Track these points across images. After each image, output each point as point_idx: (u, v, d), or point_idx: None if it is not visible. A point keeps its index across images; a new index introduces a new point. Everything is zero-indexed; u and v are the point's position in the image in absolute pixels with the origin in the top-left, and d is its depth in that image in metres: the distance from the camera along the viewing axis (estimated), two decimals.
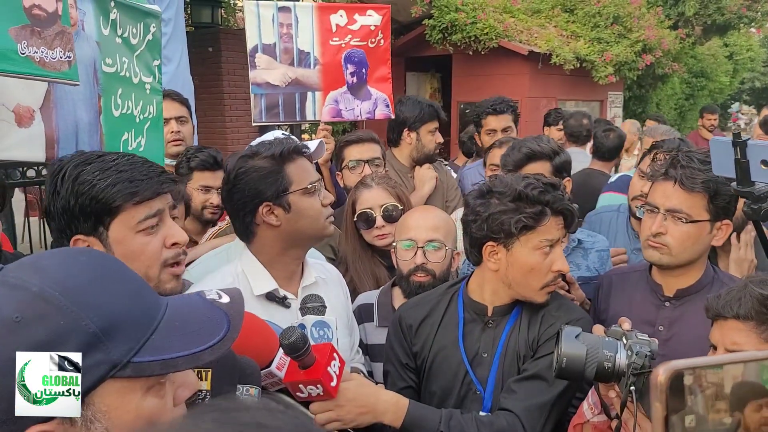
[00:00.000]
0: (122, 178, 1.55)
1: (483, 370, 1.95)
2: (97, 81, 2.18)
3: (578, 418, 1.77)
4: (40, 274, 0.90)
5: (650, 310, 2.15)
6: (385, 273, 2.70)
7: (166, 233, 1.61)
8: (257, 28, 3.85)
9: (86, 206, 1.53)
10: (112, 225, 1.55)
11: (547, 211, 1.86)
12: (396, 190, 2.77)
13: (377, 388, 1.85)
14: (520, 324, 1.96)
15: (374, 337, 2.38)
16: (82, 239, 1.57)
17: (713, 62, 16.06)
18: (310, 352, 1.56)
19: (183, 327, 0.96)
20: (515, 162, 2.68)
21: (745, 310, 1.57)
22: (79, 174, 1.55)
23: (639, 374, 1.50)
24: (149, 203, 1.58)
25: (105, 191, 1.53)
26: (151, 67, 2.43)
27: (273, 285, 1.98)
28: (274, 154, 1.93)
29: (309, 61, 3.96)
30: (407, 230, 2.37)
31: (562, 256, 1.91)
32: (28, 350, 0.83)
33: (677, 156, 2.07)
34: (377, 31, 4.12)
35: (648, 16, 11.60)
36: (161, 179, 1.61)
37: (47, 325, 0.86)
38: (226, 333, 0.99)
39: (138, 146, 2.34)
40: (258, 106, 3.86)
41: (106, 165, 1.56)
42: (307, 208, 1.95)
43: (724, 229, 2.09)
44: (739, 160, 1.77)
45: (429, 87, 12.35)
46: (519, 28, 10.56)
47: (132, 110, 2.31)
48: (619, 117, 12.30)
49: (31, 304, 0.86)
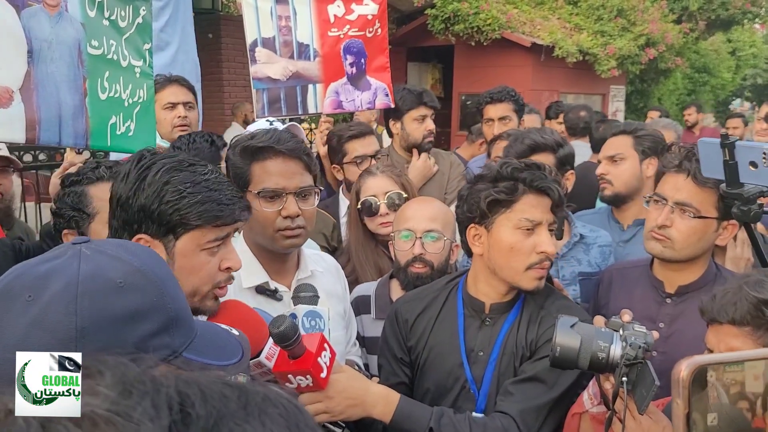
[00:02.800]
0: (211, 198, 1.53)
1: (478, 368, 1.91)
2: (81, 63, 2.13)
3: (577, 408, 1.75)
4: (133, 254, 1.01)
5: (651, 307, 2.12)
6: (388, 263, 2.66)
7: (223, 256, 1.60)
8: (256, 21, 3.82)
9: (166, 214, 1.52)
10: (182, 237, 1.54)
11: (518, 187, 1.81)
12: (401, 178, 2.75)
13: (368, 381, 1.81)
14: (519, 324, 1.91)
15: (371, 330, 2.34)
16: (146, 239, 1.55)
17: (716, 58, 16.02)
18: (301, 342, 1.53)
19: (213, 341, 1.09)
20: (518, 153, 2.64)
21: (740, 315, 1.52)
22: (170, 180, 1.52)
23: (631, 365, 1.47)
24: (224, 228, 1.58)
25: (192, 208, 1.52)
26: (141, 51, 2.39)
27: (263, 278, 1.95)
28: (246, 148, 1.91)
29: (309, 54, 3.93)
30: (405, 220, 2.34)
31: (549, 239, 1.83)
32: (123, 315, 0.94)
33: (693, 149, 2.03)
34: (374, 20, 4.07)
35: (652, 10, 11.54)
36: (241, 206, 1.61)
37: (143, 297, 0.97)
38: (242, 355, 1.13)
39: (127, 131, 2.30)
40: (260, 101, 3.83)
41: (198, 179, 1.54)
42: (256, 213, 1.88)
43: (730, 229, 2.06)
44: (727, 161, 1.76)
45: (430, 78, 12.29)
46: (522, 19, 10.50)
47: (120, 94, 2.27)
48: (621, 111, 12.27)
49: (133, 275, 0.97)
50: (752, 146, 1.78)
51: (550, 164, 2.61)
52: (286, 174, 1.91)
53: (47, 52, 2.02)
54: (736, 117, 8.69)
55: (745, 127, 8.24)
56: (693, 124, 9.01)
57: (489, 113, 4.18)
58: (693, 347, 1.75)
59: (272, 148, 1.90)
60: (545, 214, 1.83)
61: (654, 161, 2.94)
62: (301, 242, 1.99)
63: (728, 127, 8.17)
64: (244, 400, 0.52)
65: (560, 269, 2.62)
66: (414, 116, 3.69)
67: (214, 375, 0.54)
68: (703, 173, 1.88)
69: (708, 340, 1.63)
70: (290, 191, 1.91)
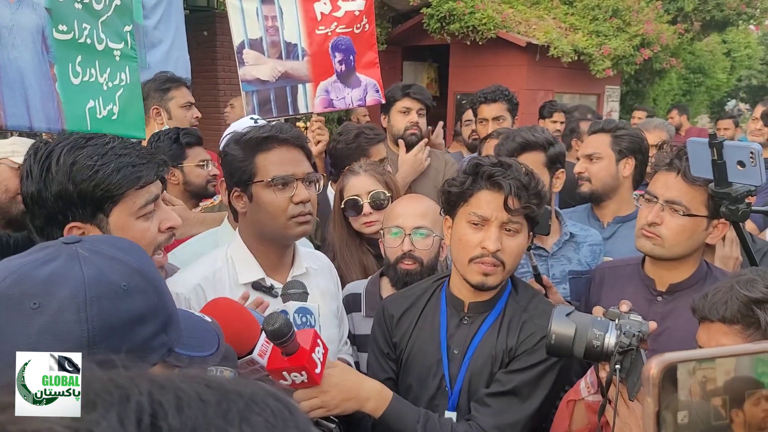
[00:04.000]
0: (124, 163, 1.50)
1: (454, 366, 1.92)
2: (47, 48, 2.11)
3: (573, 395, 1.76)
4: (126, 252, 1.00)
5: (642, 305, 2.11)
6: (373, 261, 2.66)
7: (161, 217, 1.59)
8: (242, 23, 3.77)
9: (87, 193, 1.48)
10: (113, 212, 1.51)
11: (474, 181, 1.82)
12: (384, 177, 2.73)
13: (361, 375, 1.83)
14: (499, 326, 1.90)
15: (362, 327, 2.34)
16: (78, 226, 1.52)
17: (711, 59, 16.04)
18: (294, 338, 1.52)
19: (193, 332, 1.08)
20: (509, 151, 2.63)
21: (731, 314, 1.53)
22: (76, 159, 1.49)
23: (624, 352, 1.48)
24: (149, 188, 1.55)
25: (110, 177, 1.48)
26: (122, 33, 2.36)
27: (260, 274, 1.96)
28: (249, 140, 1.90)
29: (297, 53, 3.91)
30: (395, 218, 2.33)
31: (494, 237, 1.80)
32: (130, 319, 0.93)
33: (684, 148, 2.04)
34: (361, 16, 4.04)
35: (647, 11, 11.54)
36: (158, 162, 1.58)
37: (146, 300, 0.96)
38: (219, 343, 1.12)
39: (110, 114, 2.27)
40: (250, 103, 3.79)
41: (102, 149, 1.51)
42: (267, 203, 1.89)
43: (720, 228, 2.06)
44: (716, 161, 1.78)
45: (426, 77, 12.28)
46: (517, 19, 10.49)
47: (96, 78, 2.24)
48: (616, 111, 12.27)
49: (134, 277, 0.96)
50: (740, 146, 1.80)
51: (540, 163, 2.61)
52: (292, 161, 1.93)
53: (7, 38, 2.01)
54: (728, 118, 8.69)
55: (736, 128, 8.25)
56: (677, 126, 8.99)
57: (483, 113, 4.18)
58: (683, 345, 1.74)
59: (276, 137, 1.92)
60: (496, 212, 1.81)
61: (631, 161, 2.95)
62: (310, 229, 2.03)
63: (719, 128, 8.18)
64: (225, 406, 0.48)
65: (550, 267, 2.62)
66: (399, 108, 3.71)
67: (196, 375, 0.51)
68: (692, 172, 1.89)
69: (699, 338, 1.64)
70: (299, 177, 1.92)
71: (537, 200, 1.84)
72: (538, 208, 1.85)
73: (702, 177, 1.88)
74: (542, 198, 1.86)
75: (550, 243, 2.64)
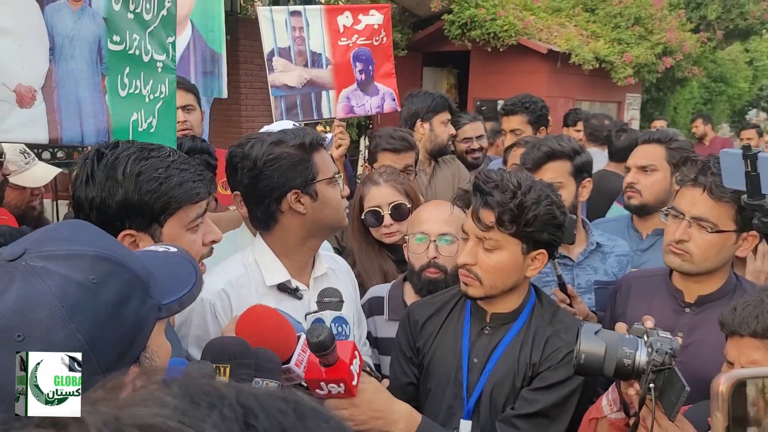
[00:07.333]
0: (186, 178, 1.57)
1: (473, 375, 1.91)
2: (101, 59, 2.10)
3: (596, 413, 1.73)
4: (74, 241, 0.97)
5: (669, 316, 2.09)
6: (393, 267, 2.67)
7: (205, 230, 1.66)
8: (272, 32, 4.11)
9: (149, 203, 1.53)
10: (167, 223, 1.57)
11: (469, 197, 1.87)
12: (404, 186, 2.73)
13: (392, 396, 1.79)
14: (522, 339, 1.89)
15: (384, 331, 2.34)
16: (133, 234, 1.56)
17: (733, 67, 15.91)
18: (335, 350, 1.51)
19: (169, 273, 1.06)
20: (534, 160, 2.61)
21: (762, 328, 1.51)
22: (142, 170, 1.54)
23: (659, 371, 1.46)
24: (201, 203, 1.62)
25: (173, 190, 1.55)
26: (165, 45, 2.31)
27: (285, 276, 1.97)
28: (303, 142, 1.93)
29: (321, 62, 4.25)
30: (420, 224, 2.33)
31: (468, 251, 1.85)
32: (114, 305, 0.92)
33: (709, 162, 2.01)
34: (380, 29, 4.44)
35: (670, 19, 11.49)
36: (210, 179, 1.66)
37: (119, 280, 0.94)
38: (195, 273, 1.10)
39: (149, 127, 2.25)
40: (279, 107, 4.08)
41: (165, 162, 1.57)
42: (331, 198, 1.98)
43: (749, 240, 2.03)
44: (749, 172, 1.75)
45: (446, 83, 12.28)
46: (539, 26, 10.48)
47: (140, 90, 2.21)
48: (636, 119, 12.19)
49: (97, 265, 0.93)
50: None
51: (566, 172, 2.59)
52: (330, 161, 2.06)
53: (68, 49, 1.97)
54: (751, 128, 8.59)
55: (760, 138, 8.16)
56: (702, 135, 8.91)
57: (503, 125, 4.31)
58: (712, 358, 1.73)
59: (319, 141, 2.02)
60: (473, 227, 1.83)
61: None
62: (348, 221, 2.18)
63: (743, 138, 8.09)
64: (300, 413, 0.51)
65: (575, 277, 2.60)
66: (442, 119, 3.86)
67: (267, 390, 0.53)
68: (724, 184, 1.87)
69: (728, 353, 1.61)
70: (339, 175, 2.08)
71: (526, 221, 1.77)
72: (528, 227, 1.78)
73: (734, 188, 1.86)
74: (540, 220, 1.79)
75: (575, 252, 2.62)
